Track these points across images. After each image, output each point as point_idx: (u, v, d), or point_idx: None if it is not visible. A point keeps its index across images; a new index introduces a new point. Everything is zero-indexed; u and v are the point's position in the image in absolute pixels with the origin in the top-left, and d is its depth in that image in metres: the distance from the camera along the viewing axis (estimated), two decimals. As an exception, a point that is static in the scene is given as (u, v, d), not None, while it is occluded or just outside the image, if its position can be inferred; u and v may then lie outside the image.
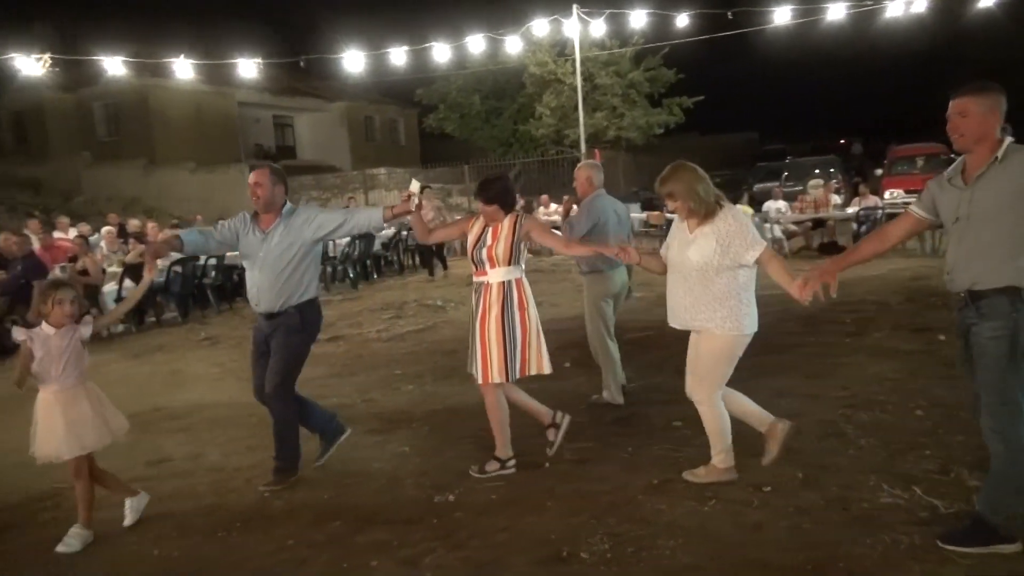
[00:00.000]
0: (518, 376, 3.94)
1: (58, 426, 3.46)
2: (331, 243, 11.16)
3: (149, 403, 5.91)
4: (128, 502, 3.71)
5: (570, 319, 8.23)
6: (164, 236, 4.38)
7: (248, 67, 12.24)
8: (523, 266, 4.03)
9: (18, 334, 3.50)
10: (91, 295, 8.87)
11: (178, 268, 9.65)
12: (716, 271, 3.51)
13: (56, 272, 8.59)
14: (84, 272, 8.75)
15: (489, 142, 26.89)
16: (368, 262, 13.11)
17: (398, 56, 15.05)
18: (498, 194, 3.97)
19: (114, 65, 11.53)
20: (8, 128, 27.82)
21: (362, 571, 3.07)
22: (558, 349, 6.78)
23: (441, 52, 15.56)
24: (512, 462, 4.02)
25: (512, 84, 25.66)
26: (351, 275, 12.27)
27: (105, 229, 10.92)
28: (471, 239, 4.02)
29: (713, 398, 3.64)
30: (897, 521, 3.12)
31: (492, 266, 3.92)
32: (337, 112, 31.52)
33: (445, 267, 12.72)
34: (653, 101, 24.68)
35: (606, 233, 4.85)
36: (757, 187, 18.86)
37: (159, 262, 5.53)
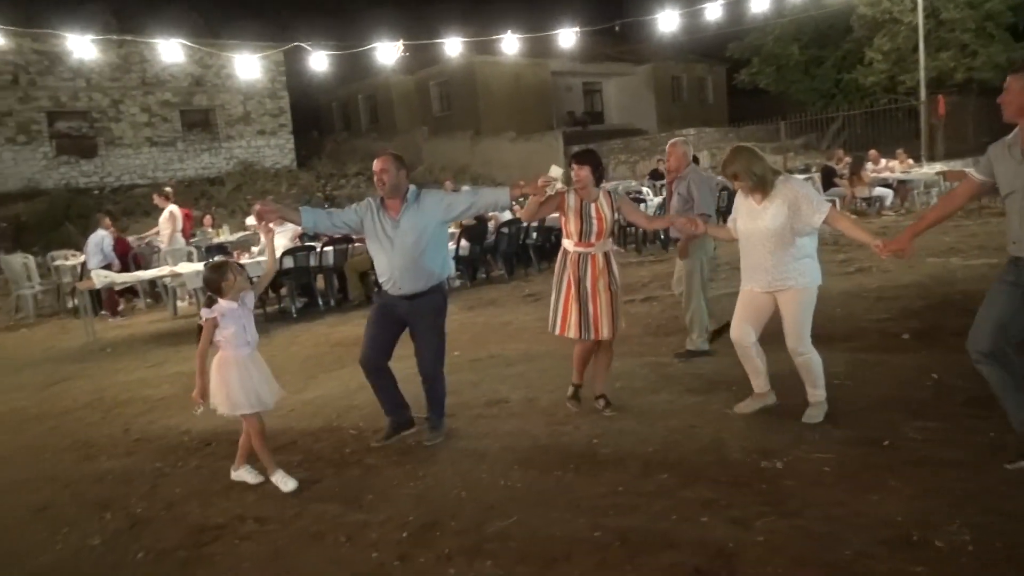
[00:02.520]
0: (606, 335, 4.50)
1: (253, 382, 3.83)
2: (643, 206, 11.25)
3: (485, 350, 6.57)
4: (246, 468, 4.02)
5: (904, 287, 7.45)
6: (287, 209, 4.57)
7: (567, 36, 12.74)
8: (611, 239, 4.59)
9: (206, 313, 3.85)
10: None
11: (505, 229, 10.52)
12: (792, 233, 3.94)
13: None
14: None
15: (808, 95, 24.95)
16: (677, 224, 13.05)
17: (712, 11, 14.54)
18: (587, 156, 4.47)
19: (453, 46, 12.75)
20: (365, 110, 32.38)
21: (692, 524, 3.13)
22: (893, 320, 6.19)
23: (758, 2, 14.69)
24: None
25: (836, 29, 23.43)
26: (661, 236, 12.31)
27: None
28: (573, 214, 4.43)
29: (810, 347, 4.08)
30: None
31: (599, 238, 4.42)
32: (643, 75, 31.56)
33: None
34: (1017, 33, 20.87)
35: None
36: None
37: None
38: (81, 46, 11.69)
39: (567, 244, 4.53)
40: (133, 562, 3.28)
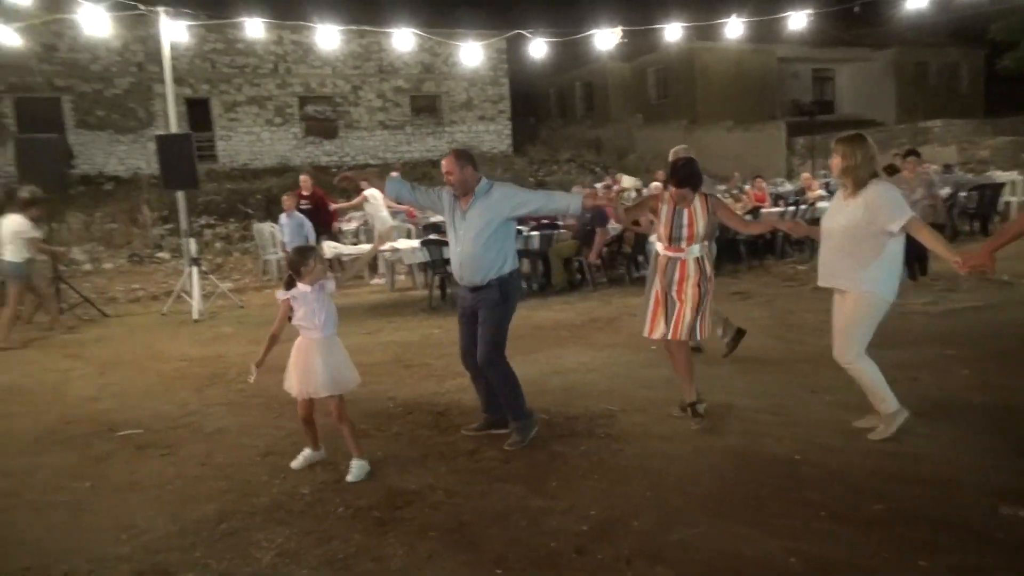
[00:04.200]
0: (699, 337, 4.45)
1: (318, 369, 3.88)
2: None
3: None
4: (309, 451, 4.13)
5: None
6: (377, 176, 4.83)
7: (798, 19, 11.87)
8: (707, 242, 4.43)
9: (281, 294, 3.96)
10: (639, 242, 9.89)
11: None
12: (863, 235, 3.87)
13: (612, 223, 9.77)
14: (636, 223, 9.75)
15: (1091, 83, 21.35)
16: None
17: (975, -13, 12.83)
18: (688, 177, 4.26)
19: (673, 32, 12.38)
20: (580, 97, 32.62)
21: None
22: None
23: (1035, -25, 12.73)
24: (702, 406, 4.44)
25: None
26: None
27: (653, 184, 11.98)
28: (664, 218, 4.34)
29: (859, 358, 4.00)
30: None
31: (690, 243, 4.31)
32: (883, 60, 28.78)
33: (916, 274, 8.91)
34: None
35: None
36: None
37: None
38: (330, 36, 12.80)
39: (658, 247, 4.48)
40: (335, 514, 3.54)
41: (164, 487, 3.99)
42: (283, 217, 10.34)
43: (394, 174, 4.72)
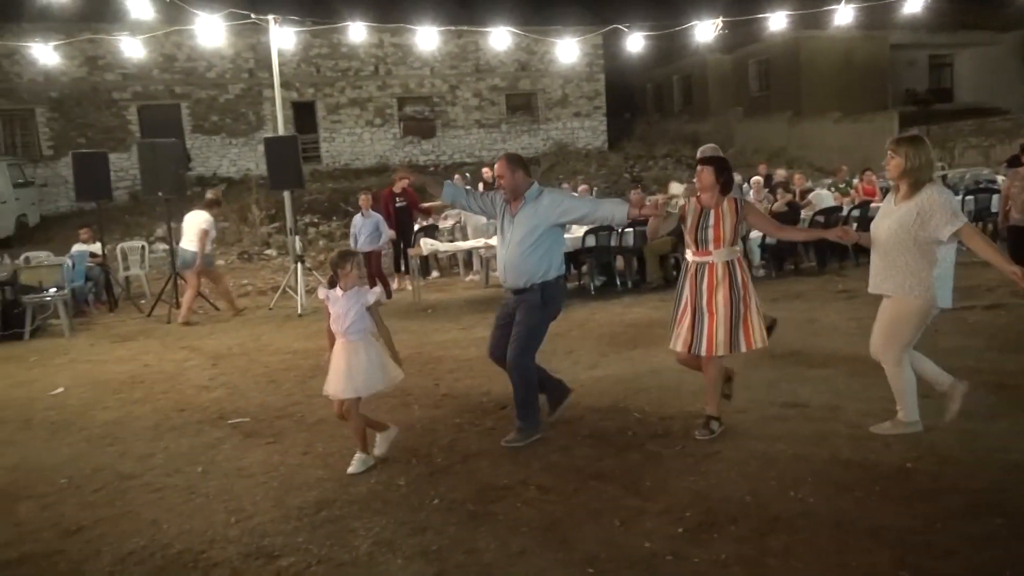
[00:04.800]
0: (743, 350, 4.15)
1: (341, 369, 4.02)
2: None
3: (787, 346, 6.09)
4: (378, 436, 4.23)
5: None
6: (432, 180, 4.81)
7: (914, 3, 11.17)
8: (739, 247, 4.20)
9: (321, 293, 4.13)
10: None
11: (820, 218, 9.68)
12: (912, 241, 3.76)
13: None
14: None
15: None
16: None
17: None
18: (711, 157, 4.30)
19: (777, 21, 11.93)
20: (679, 91, 32.01)
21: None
22: None
23: None
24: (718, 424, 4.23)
25: None
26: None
27: (754, 179, 11.61)
28: (691, 220, 4.19)
29: (900, 360, 3.92)
30: None
31: (717, 246, 4.12)
32: (1011, 43, 26.83)
33: None
34: None
35: None
36: None
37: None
38: (428, 38, 13.06)
39: (687, 253, 4.29)
40: (429, 506, 3.60)
41: (269, 474, 4.17)
42: (358, 217, 10.38)
43: (458, 177, 4.75)
